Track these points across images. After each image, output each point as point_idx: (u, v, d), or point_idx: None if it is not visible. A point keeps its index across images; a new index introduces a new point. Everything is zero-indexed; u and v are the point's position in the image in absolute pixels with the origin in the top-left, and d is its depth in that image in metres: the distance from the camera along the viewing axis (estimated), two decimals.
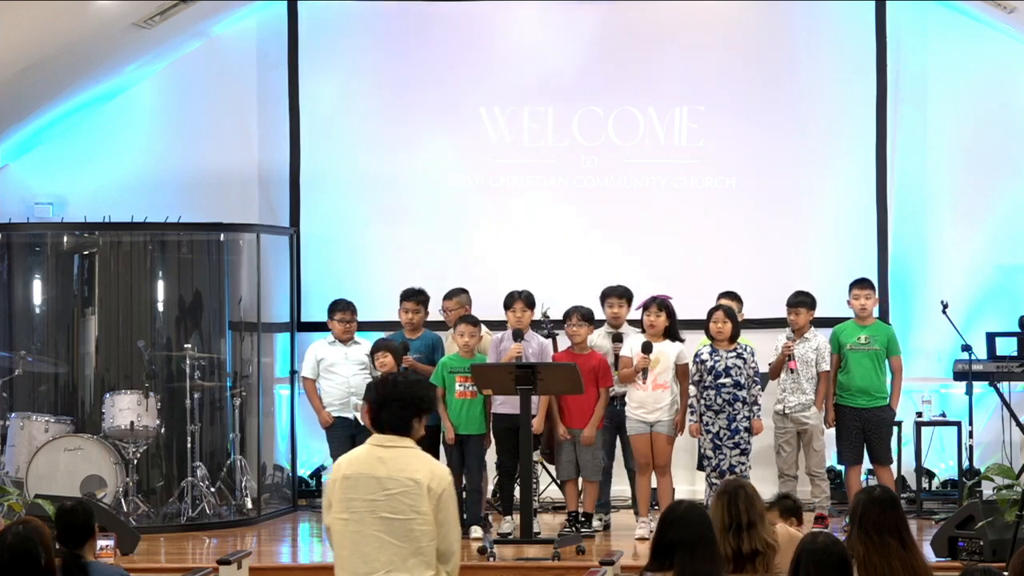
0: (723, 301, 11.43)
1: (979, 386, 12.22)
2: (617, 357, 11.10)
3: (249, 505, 11.97)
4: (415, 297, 11.65)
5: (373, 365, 11.21)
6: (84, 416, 12.05)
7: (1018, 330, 12.40)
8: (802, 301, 11.40)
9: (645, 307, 11.02)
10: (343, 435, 11.49)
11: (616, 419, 11.21)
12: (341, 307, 11.90)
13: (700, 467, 11.49)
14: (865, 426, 11.28)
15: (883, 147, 13.02)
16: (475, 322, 11.14)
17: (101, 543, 7.12)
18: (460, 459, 10.98)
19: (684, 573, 5.80)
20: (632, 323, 11.50)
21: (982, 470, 10.63)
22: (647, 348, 10.82)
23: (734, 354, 10.80)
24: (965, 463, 12.12)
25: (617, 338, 11.27)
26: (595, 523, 11.15)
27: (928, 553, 9.61)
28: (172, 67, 13.47)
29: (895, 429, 11.71)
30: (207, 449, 12.09)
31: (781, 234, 13.08)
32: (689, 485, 12.42)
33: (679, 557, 5.81)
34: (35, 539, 6.09)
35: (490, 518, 11.33)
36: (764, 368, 11.33)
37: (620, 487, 11.80)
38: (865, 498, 6.18)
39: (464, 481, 10.99)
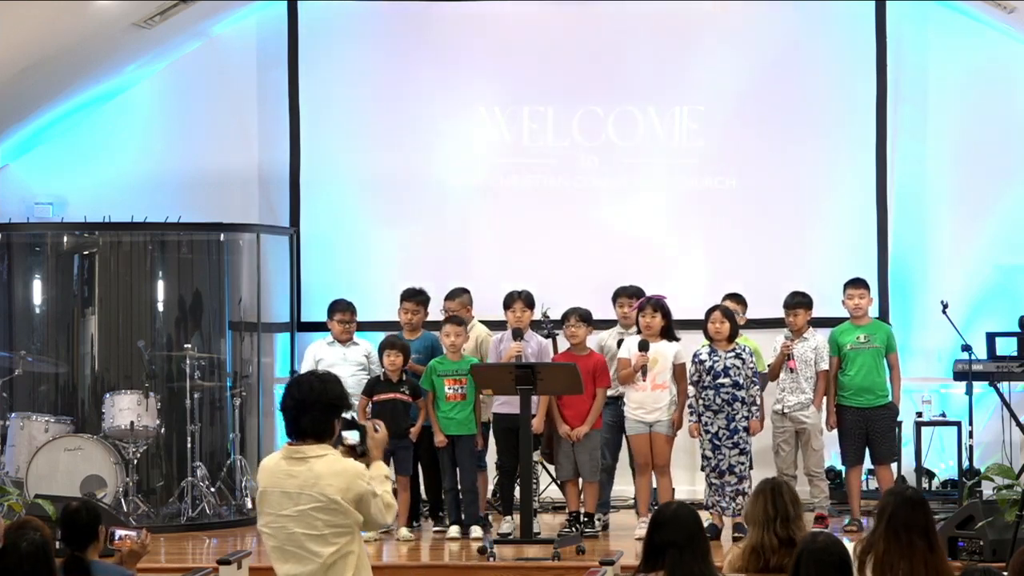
0: (726, 302, 11.43)
1: (979, 386, 12.22)
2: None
3: (249, 505, 11.94)
4: (415, 297, 11.63)
5: (381, 362, 11.15)
6: (84, 416, 12.05)
7: (1018, 330, 12.41)
8: (800, 302, 11.39)
9: (640, 308, 11.04)
10: None
11: (621, 419, 11.20)
12: (341, 307, 11.87)
13: (703, 468, 11.48)
14: (867, 426, 11.27)
15: (883, 147, 13.02)
16: (460, 322, 11.15)
17: (121, 532, 7.06)
18: (452, 460, 10.98)
19: (675, 573, 5.83)
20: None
21: (982, 470, 10.63)
22: (644, 346, 10.83)
23: (733, 354, 10.81)
24: (965, 463, 12.13)
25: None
26: (595, 523, 11.14)
27: None
28: (172, 67, 13.47)
29: (897, 427, 11.69)
30: (207, 449, 12.09)
31: (781, 234, 13.08)
32: (689, 485, 12.42)
33: (670, 557, 5.84)
34: (50, 545, 6.08)
35: (490, 518, 11.33)
36: (766, 369, 11.33)
37: (622, 487, 11.80)
38: (896, 498, 6.18)
39: (458, 482, 10.99)
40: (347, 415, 6.15)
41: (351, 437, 6.09)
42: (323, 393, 5.95)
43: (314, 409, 5.93)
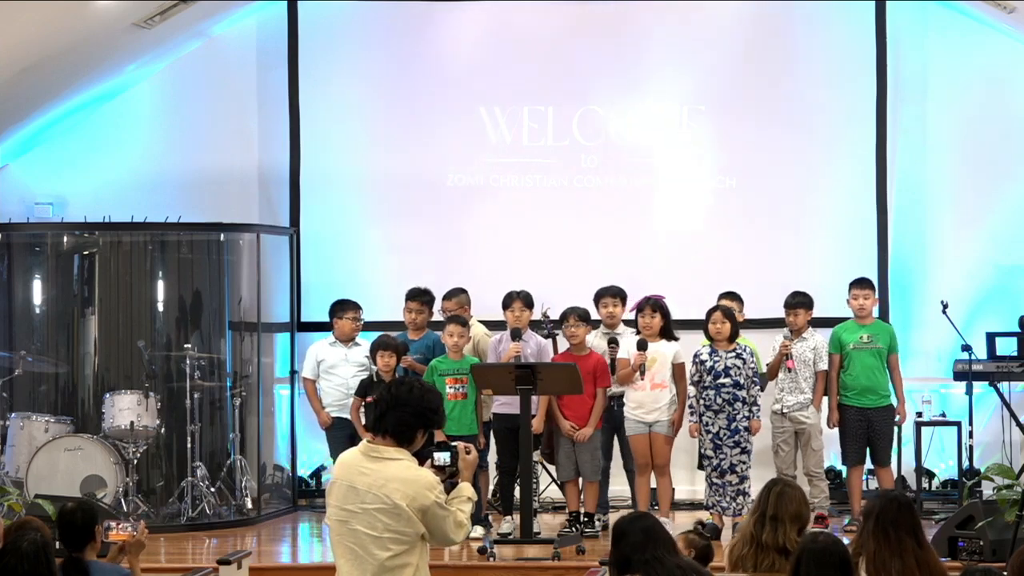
0: (724, 301, 11.44)
1: (979, 386, 12.22)
2: (613, 361, 11.09)
3: (249, 505, 11.97)
4: (420, 297, 11.68)
5: (374, 362, 11.18)
6: (84, 416, 12.05)
7: (1018, 330, 12.41)
8: (800, 302, 11.40)
9: (639, 308, 11.05)
10: (342, 436, 11.48)
11: (613, 420, 11.21)
12: (352, 306, 11.93)
13: (700, 467, 11.49)
14: (869, 426, 11.28)
15: (883, 147, 13.02)
16: (464, 322, 11.16)
17: (111, 523, 7.05)
18: None
19: (648, 572, 5.87)
20: (626, 323, 11.50)
21: (982, 470, 10.63)
22: (642, 346, 10.84)
23: (733, 354, 10.81)
24: (965, 463, 12.12)
25: (613, 341, 11.26)
26: (595, 523, 11.14)
27: None
28: (172, 67, 13.47)
29: (896, 429, 11.67)
30: (207, 449, 12.08)
31: (781, 234, 13.08)
32: (689, 485, 12.43)
33: (640, 563, 5.87)
34: (51, 545, 6.08)
35: (490, 518, 11.33)
36: (765, 369, 11.33)
37: (619, 487, 11.80)
38: (882, 499, 6.24)
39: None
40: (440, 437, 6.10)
41: (442, 458, 6.05)
42: (419, 399, 5.91)
43: (403, 410, 5.89)
